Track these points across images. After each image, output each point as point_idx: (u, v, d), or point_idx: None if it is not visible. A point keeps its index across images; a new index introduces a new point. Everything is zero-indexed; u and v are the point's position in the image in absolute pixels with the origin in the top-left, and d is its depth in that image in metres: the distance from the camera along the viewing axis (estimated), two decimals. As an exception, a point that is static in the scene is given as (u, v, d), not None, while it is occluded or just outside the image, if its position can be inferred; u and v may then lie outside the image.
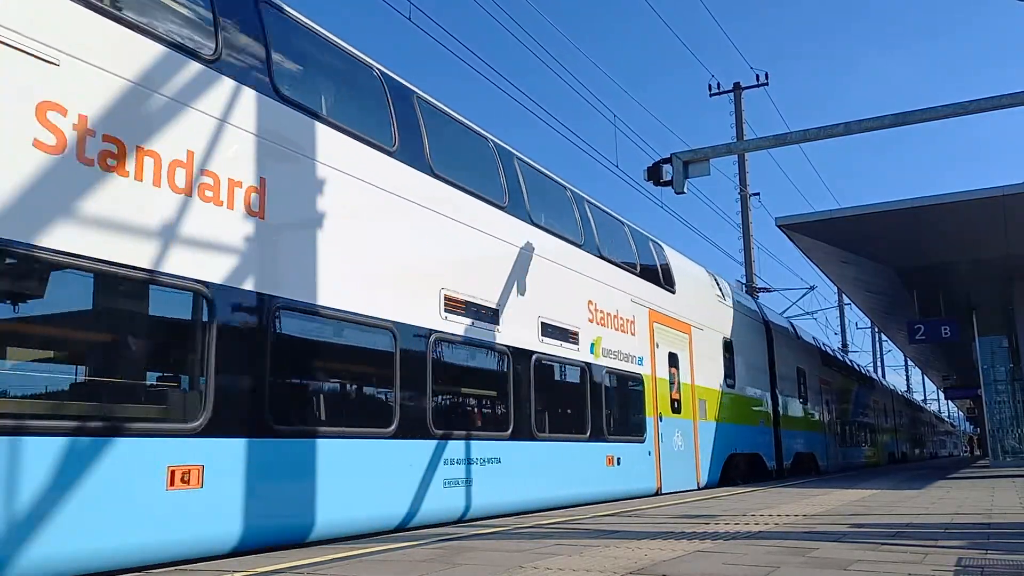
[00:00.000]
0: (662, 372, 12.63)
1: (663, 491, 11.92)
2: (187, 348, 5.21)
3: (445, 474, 7.40)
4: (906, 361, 52.09)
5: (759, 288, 28.56)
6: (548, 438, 9.24)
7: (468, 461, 7.77)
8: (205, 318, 5.29)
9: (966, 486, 12.89)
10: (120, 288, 4.85)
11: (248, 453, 5.39)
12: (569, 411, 9.97)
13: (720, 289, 16.47)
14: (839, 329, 45.34)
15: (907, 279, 17.44)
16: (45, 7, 4.65)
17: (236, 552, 5.32)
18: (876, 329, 48.41)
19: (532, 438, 8.87)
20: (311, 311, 6.14)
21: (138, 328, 5.01)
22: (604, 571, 4.22)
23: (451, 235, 8.08)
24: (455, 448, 7.59)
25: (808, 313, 47.28)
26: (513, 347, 8.76)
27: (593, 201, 11.73)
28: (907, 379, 59.41)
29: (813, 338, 25.18)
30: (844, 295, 38.76)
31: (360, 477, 6.40)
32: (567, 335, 9.95)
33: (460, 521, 7.63)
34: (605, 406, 10.61)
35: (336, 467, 6.14)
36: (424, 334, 7.37)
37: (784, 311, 40.59)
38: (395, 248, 7.24)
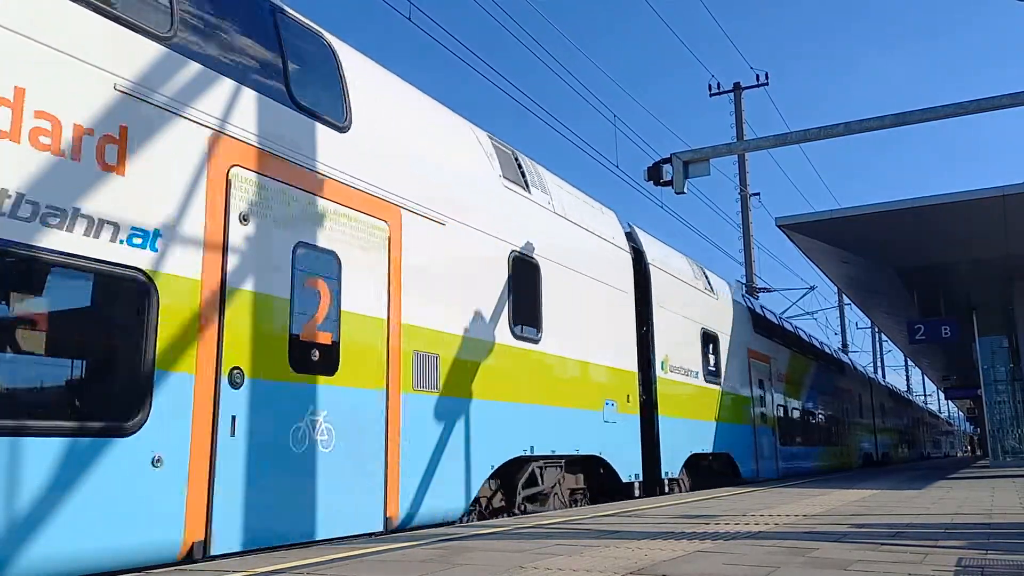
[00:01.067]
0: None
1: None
2: None
3: None
4: (906, 361, 52.09)
5: (759, 288, 28.55)
6: None
7: None
8: None
9: (966, 486, 12.89)
10: None
11: None
12: None
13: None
14: (839, 329, 45.35)
15: (907, 279, 17.44)
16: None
17: None
18: (876, 329, 48.43)
19: None
20: None
21: None
22: (604, 571, 4.22)
23: None
24: None
25: (808, 313, 47.30)
26: None
27: None
28: (907, 379, 59.42)
29: (744, 295, 18.77)
30: (844, 295, 38.75)
31: None
32: None
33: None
34: None
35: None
36: None
37: (784, 311, 40.60)
38: None
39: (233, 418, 5.46)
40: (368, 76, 7.57)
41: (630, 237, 12.80)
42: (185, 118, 5.47)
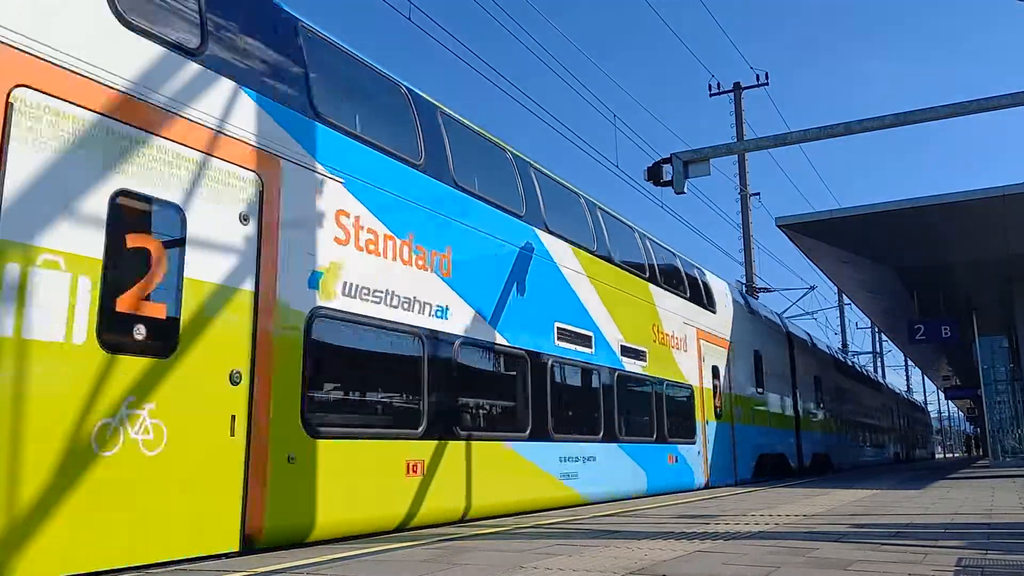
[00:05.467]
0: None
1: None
2: None
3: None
4: (906, 361, 52.08)
5: (759, 288, 28.55)
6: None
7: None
8: None
9: (966, 486, 12.89)
10: None
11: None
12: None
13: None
14: (839, 329, 45.35)
15: (907, 279, 17.45)
16: None
17: None
18: (876, 329, 48.41)
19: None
20: None
21: None
22: (604, 571, 4.22)
23: None
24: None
25: (808, 313, 47.34)
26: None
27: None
28: (907, 379, 59.40)
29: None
30: (844, 295, 38.76)
31: None
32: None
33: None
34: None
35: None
36: None
37: (784, 311, 40.62)
38: None
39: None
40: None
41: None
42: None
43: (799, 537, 5.75)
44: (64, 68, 4.61)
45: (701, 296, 15.14)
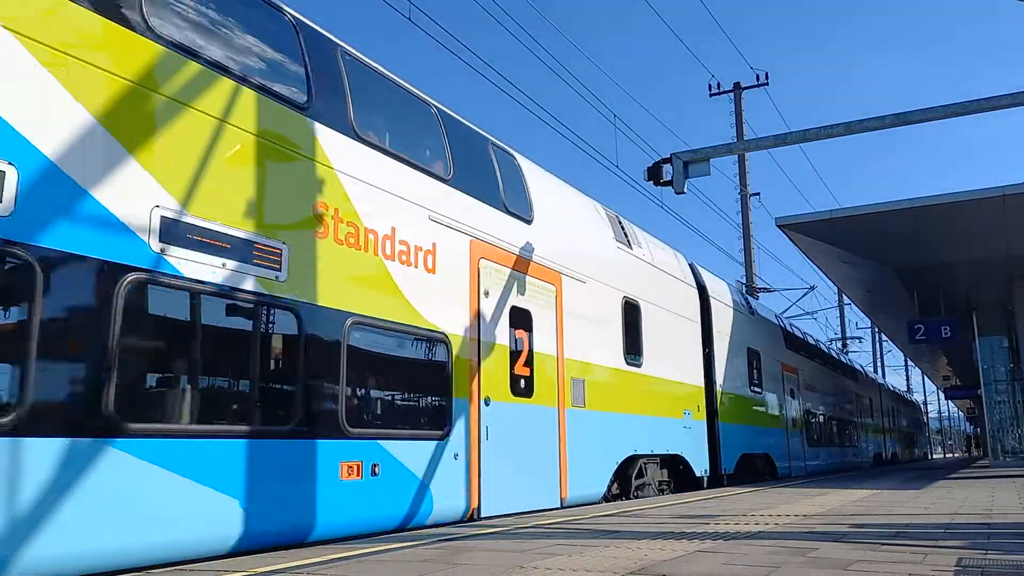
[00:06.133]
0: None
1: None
2: None
3: None
4: (906, 361, 52.09)
5: (759, 288, 28.56)
6: None
7: None
8: None
9: (966, 486, 12.89)
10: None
11: None
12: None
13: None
14: (839, 329, 45.36)
15: (907, 279, 17.45)
16: None
17: None
18: (876, 329, 48.43)
19: None
20: None
21: None
22: (604, 571, 4.22)
23: None
24: None
25: (808, 313, 47.30)
26: None
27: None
28: (907, 379, 59.44)
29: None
30: (844, 295, 38.76)
31: None
32: None
33: None
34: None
35: None
36: None
37: (784, 311, 40.59)
38: None
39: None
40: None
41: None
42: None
43: (799, 537, 5.75)
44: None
45: (494, 184, 9.02)
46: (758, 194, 29.91)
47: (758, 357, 17.74)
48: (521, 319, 9.03)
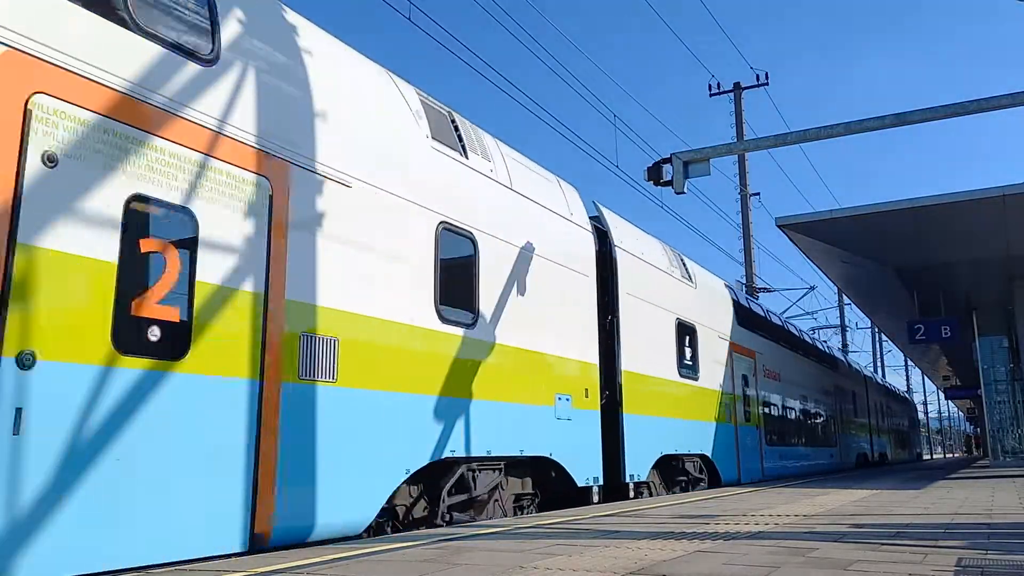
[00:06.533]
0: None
1: None
2: None
3: None
4: (906, 361, 52.09)
5: (759, 288, 28.56)
6: None
7: None
8: None
9: (966, 486, 12.89)
10: None
11: None
12: None
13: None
14: (839, 329, 45.34)
15: (907, 279, 17.45)
16: None
17: None
18: (876, 329, 48.42)
19: None
20: None
21: None
22: (604, 571, 4.22)
23: None
24: None
25: (808, 313, 47.33)
26: None
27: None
28: (907, 379, 59.47)
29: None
30: (844, 295, 38.77)
31: None
32: None
33: None
34: None
35: None
36: None
37: (784, 311, 40.59)
38: None
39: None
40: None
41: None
42: None
43: (799, 537, 5.75)
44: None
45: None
46: (758, 194, 29.92)
47: (693, 333, 14.09)
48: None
